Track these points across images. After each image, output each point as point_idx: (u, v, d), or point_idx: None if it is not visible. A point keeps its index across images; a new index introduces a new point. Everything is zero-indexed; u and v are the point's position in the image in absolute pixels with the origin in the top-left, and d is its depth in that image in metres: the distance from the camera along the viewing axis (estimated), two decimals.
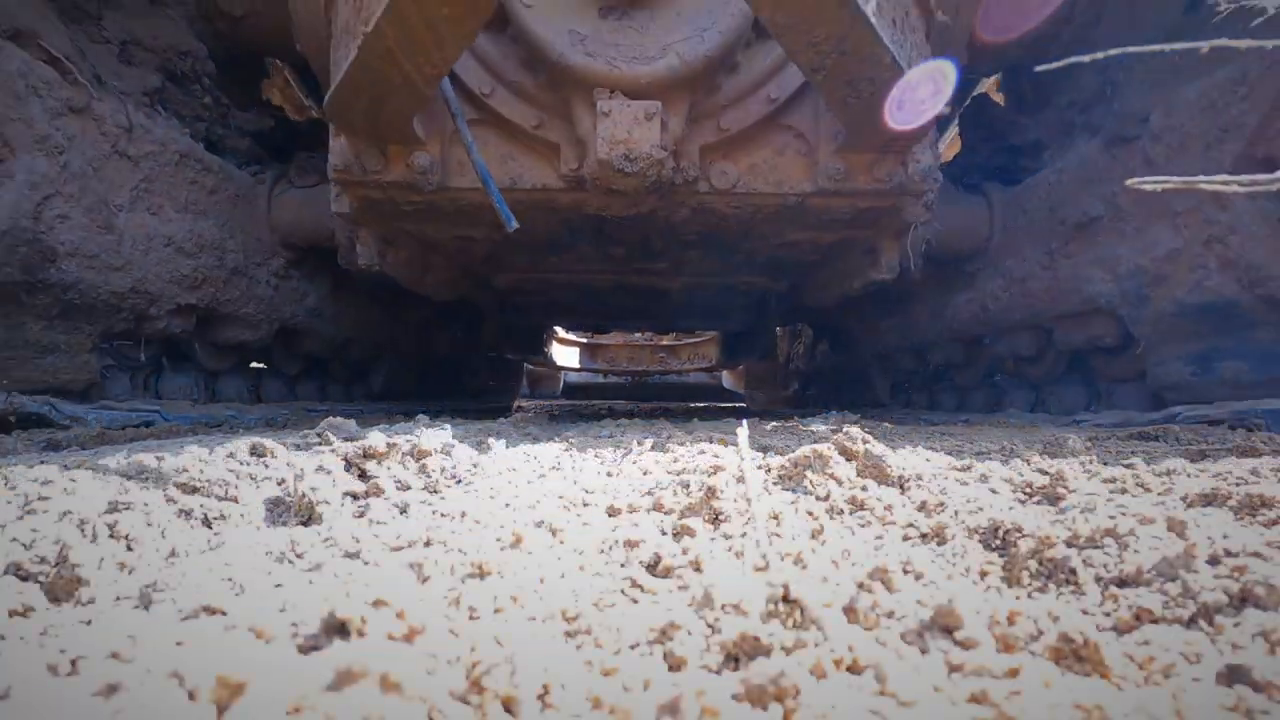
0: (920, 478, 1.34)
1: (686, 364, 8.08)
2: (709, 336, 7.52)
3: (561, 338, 8.22)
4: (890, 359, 3.74)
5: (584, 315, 5.18)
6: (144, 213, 2.27)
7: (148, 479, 1.37)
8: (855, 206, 2.34)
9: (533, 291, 3.50)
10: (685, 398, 7.59)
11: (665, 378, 8.58)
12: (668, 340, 8.49)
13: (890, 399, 3.65)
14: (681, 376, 8.43)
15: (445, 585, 0.76)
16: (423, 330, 3.87)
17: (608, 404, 6.41)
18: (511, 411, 3.97)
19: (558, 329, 7.58)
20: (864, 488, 1.29)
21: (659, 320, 5.24)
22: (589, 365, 8.80)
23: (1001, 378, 3.13)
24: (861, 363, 3.99)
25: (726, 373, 8.16)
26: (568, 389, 8.65)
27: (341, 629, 0.57)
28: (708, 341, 7.73)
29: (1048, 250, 2.67)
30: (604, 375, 8.92)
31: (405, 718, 0.46)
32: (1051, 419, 2.63)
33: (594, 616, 0.69)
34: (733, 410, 5.11)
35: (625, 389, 8.71)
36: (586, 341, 8.76)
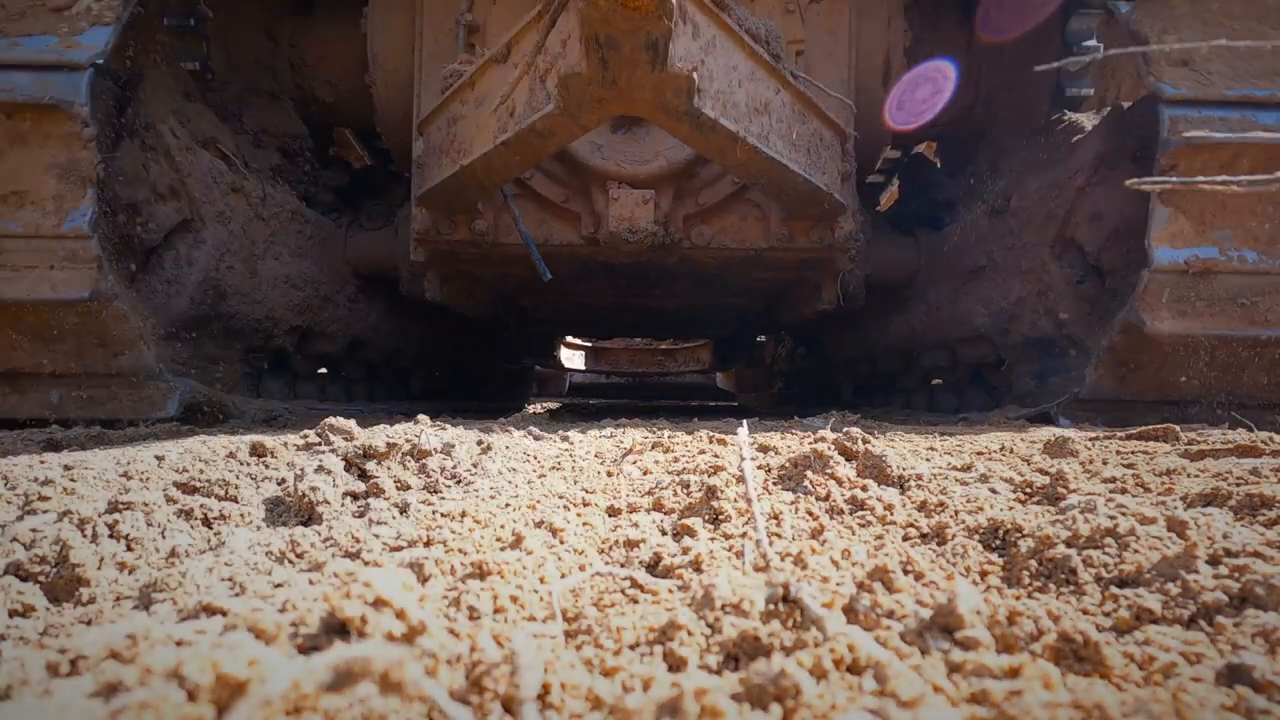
0: (920, 478, 1.34)
1: (683, 366, 8.90)
2: (702, 343, 8.38)
3: (568, 342, 8.97)
4: (851, 365, 4.54)
5: (591, 326, 6.37)
6: (271, 259, 2.98)
7: (148, 479, 1.37)
8: (798, 258, 3.06)
9: (549, 309, 4.35)
10: (682, 397, 8.27)
11: (663, 379, 9.33)
12: (665, 345, 9.26)
13: (851, 398, 4.43)
14: (678, 378, 9.18)
15: (445, 585, 0.76)
16: (453, 341, 4.60)
17: (610, 403, 6.74)
18: (522, 410, 4.32)
19: (566, 336, 8.53)
20: (864, 488, 1.29)
21: (656, 331, 6.54)
22: (593, 367, 9.55)
23: (935, 383, 3.90)
24: (830, 368, 4.78)
25: (720, 374, 8.95)
26: (573, 389, 9.30)
27: (341, 629, 0.57)
28: (701, 346, 8.56)
29: (953, 287, 3.36)
30: (606, 376, 9.64)
31: (405, 718, 0.46)
32: (941, 415, 3.38)
33: (594, 616, 0.70)
34: (726, 409, 5.62)
35: (626, 389, 9.35)
36: (591, 346, 9.50)
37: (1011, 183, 3.06)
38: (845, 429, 1.59)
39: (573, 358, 9.47)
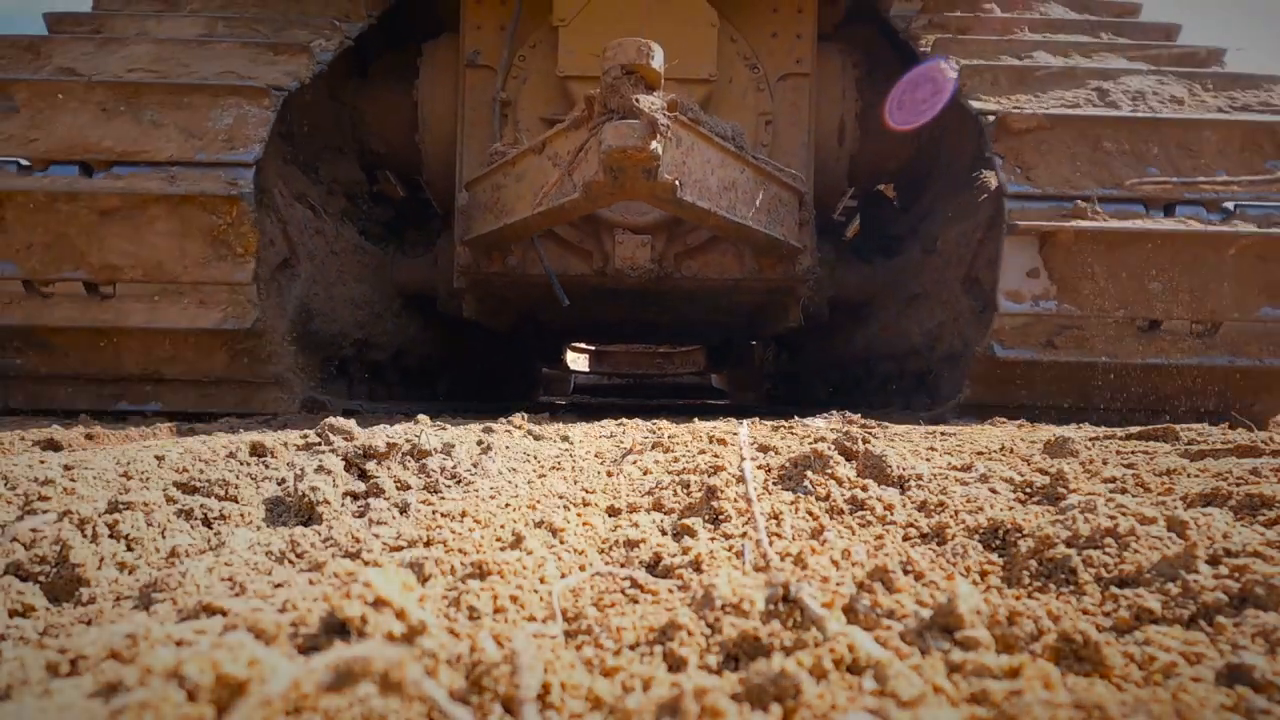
0: (920, 478, 1.34)
1: (679, 368, 9.77)
2: (696, 347, 9.30)
3: (574, 346, 9.73)
4: (824, 370, 5.19)
5: (597, 335, 7.63)
6: (341, 285, 3.60)
7: (148, 479, 1.37)
8: (767, 286, 3.65)
9: (562, 322, 5.10)
10: (679, 396, 9.05)
11: (662, 379, 10.07)
12: (663, 348, 10.12)
13: (826, 399, 4.98)
14: (676, 378, 9.96)
15: (445, 585, 0.76)
16: (474, 348, 5.26)
17: (612, 402, 7.03)
18: (531, 409, 4.77)
19: (573, 342, 9.35)
20: (864, 488, 1.29)
21: (654, 339, 7.73)
22: (596, 369, 10.40)
23: (891, 388, 4.43)
24: (809, 371, 5.43)
25: (714, 375, 9.71)
26: (577, 389, 9.97)
27: (341, 629, 0.57)
28: (696, 350, 9.45)
29: (897, 309, 3.90)
30: (608, 378, 10.39)
31: (405, 718, 0.46)
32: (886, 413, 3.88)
33: (594, 616, 0.70)
34: (720, 407, 6.23)
35: (627, 389, 9.94)
36: (595, 349, 10.28)
37: (940, 228, 3.61)
38: (845, 429, 1.59)
39: (577, 360, 10.26)
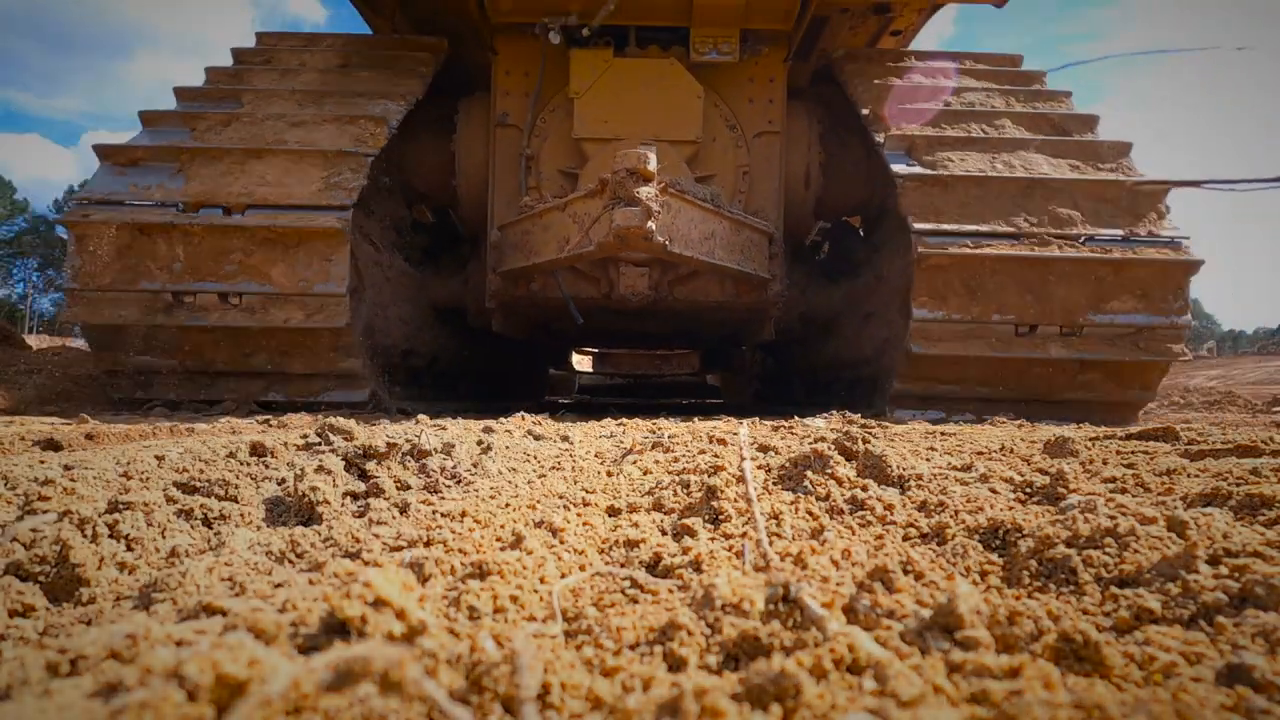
0: (920, 478, 1.34)
1: (676, 369, 10.67)
2: (691, 351, 10.26)
3: (579, 349, 10.56)
4: (802, 374, 5.83)
5: (602, 342, 8.75)
6: (393, 305, 4.23)
7: (148, 479, 1.37)
8: (744, 306, 4.35)
9: (573, 332, 5.89)
10: (677, 394, 9.86)
11: (660, 379, 10.80)
12: (661, 351, 10.92)
13: (805, 399, 5.49)
14: (674, 378, 10.77)
15: (445, 585, 0.76)
16: (491, 354, 5.91)
17: (614, 401, 7.55)
18: (541, 407, 5.82)
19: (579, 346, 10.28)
20: (864, 487, 1.29)
21: (652, 345, 8.79)
22: (600, 370, 11.26)
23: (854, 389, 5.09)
24: (791, 374, 6.16)
25: (709, 376, 10.56)
26: (581, 389, 10.68)
27: (341, 629, 0.57)
28: (691, 353, 10.41)
29: (856, 325, 4.52)
30: (610, 378, 11.17)
31: (405, 718, 0.46)
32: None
33: (594, 616, 0.69)
34: (715, 406, 6.85)
35: (628, 388, 10.61)
36: (598, 351, 11.12)
37: (886, 259, 4.21)
38: (845, 429, 1.59)
39: (582, 362, 11.05)
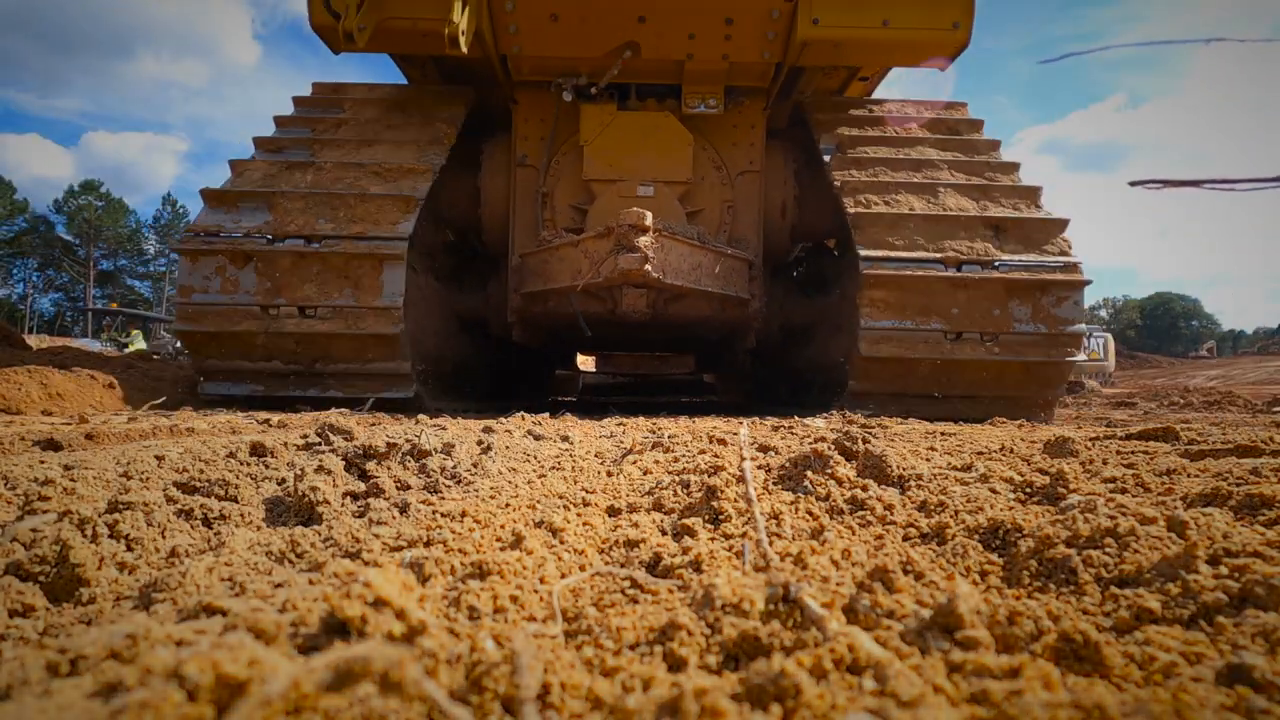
0: (920, 478, 1.34)
1: (674, 369, 11.60)
2: (687, 354, 11.20)
3: (584, 352, 11.34)
4: (785, 376, 6.38)
5: (605, 347, 9.71)
6: (428, 320, 4.75)
7: (148, 479, 1.37)
8: (729, 320, 4.97)
9: (581, 340, 6.75)
10: (675, 392, 10.75)
11: (659, 378, 11.67)
12: (660, 354, 11.71)
13: (789, 398, 5.97)
14: (671, 376, 11.70)
15: (445, 585, 0.76)
16: (505, 358, 6.65)
17: (616, 400, 8.03)
18: (548, 403, 6.68)
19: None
20: (864, 487, 1.29)
21: (651, 350, 9.90)
22: (603, 370, 12.17)
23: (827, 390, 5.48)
24: (776, 376, 6.80)
25: (705, 375, 11.38)
26: (585, 388, 11.51)
27: (341, 629, 0.57)
28: (687, 355, 11.38)
29: (827, 335, 5.04)
30: (613, 377, 12.08)
31: (405, 718, 0.46)
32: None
33: (594, 616, 0.69)
34: (710, 404, 7.61)
35: (630, 387, 11.49)
36: (601, 353, 11.86)
37: (848, 279, 4.63)
38: (845, 429, 1.59)
39: (586, 362, 11.88)
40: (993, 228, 4.10)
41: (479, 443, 1.95)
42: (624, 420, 3.40)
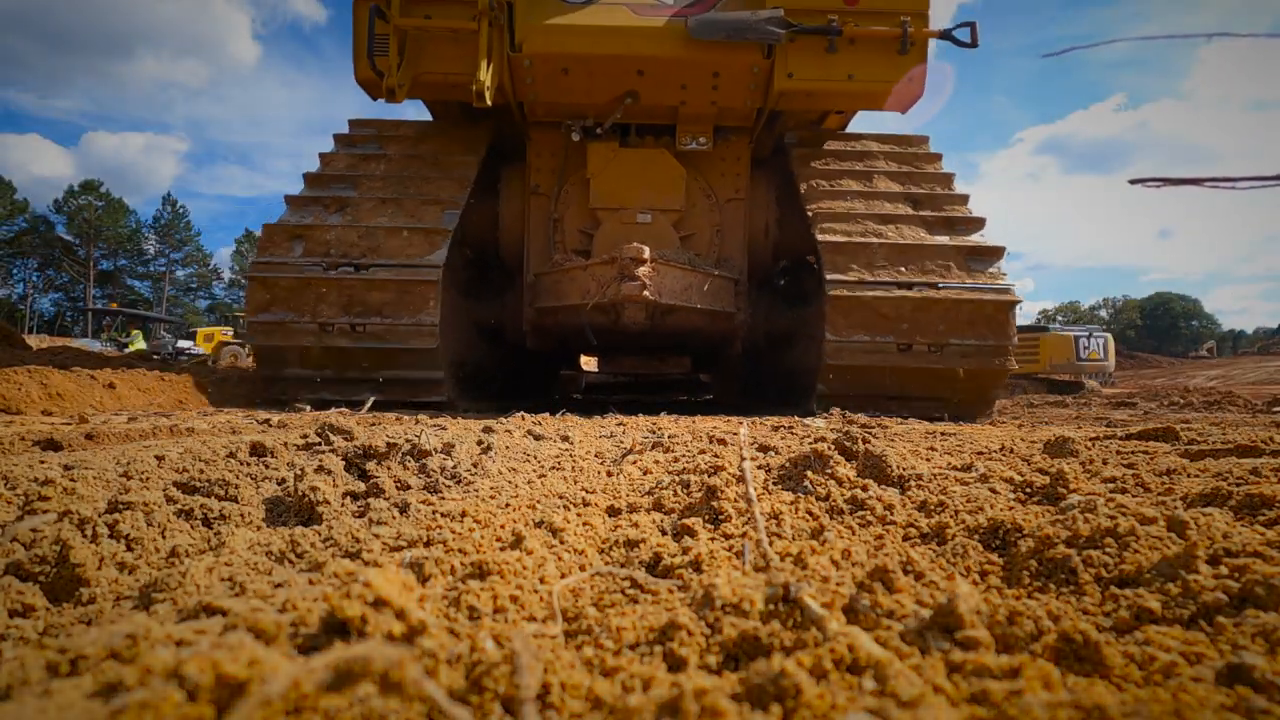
0: (920, 478, 1.34)
1: (672, 369, 12.36)
2: (683, 356, 12.07)
3: (587, 354, 11.94)
4: (772, 378, 6.83)
5: (607, 351, 10.49)
6: (453, 331, 5.07)
7: (148, 479, 1.37)
8: (717, 330, 5.53)
9: (586, 345, 7.44)
10: (672, 389, 11.58)
11: (658, 377, 12.38)
12: (659, 355, 12.44)
13: (776, 398, 6.39)
14: (669, 375, 12.40)
15: (445, 585, 0.76)
16: (518, 360, 7.10)
17: (617, 398, 8.48)
18: (554, 402, 7.04)
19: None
20: (864, 487, 1.29)
21: (649, 354, 10.57)
22: (605, 369, 12.86)
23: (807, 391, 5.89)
24: (764, 378, 7.26)
25: (703, 375, 12.01)
26: (588, 387, 12.38)
27: (341, 629, 0.57)
28: (683, 357, 12.27)
29: (806, 342, 5.37)
30: (614, 376, 12.86)
31: (405, 718, 0.46)
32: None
33: (594, 616, 0.69)
34: (707, 402, 8.27)
35: (630, 385, 12.41)
36: (604, 356, 12.37)
37: (819, 296, 5.00)
38: (845, 429, 1.59)
39: (589, 362, 12.46)
40: (943, 255, 4.75)
41: (479, 443, 1.95)
42: (624, 420, 3.40)
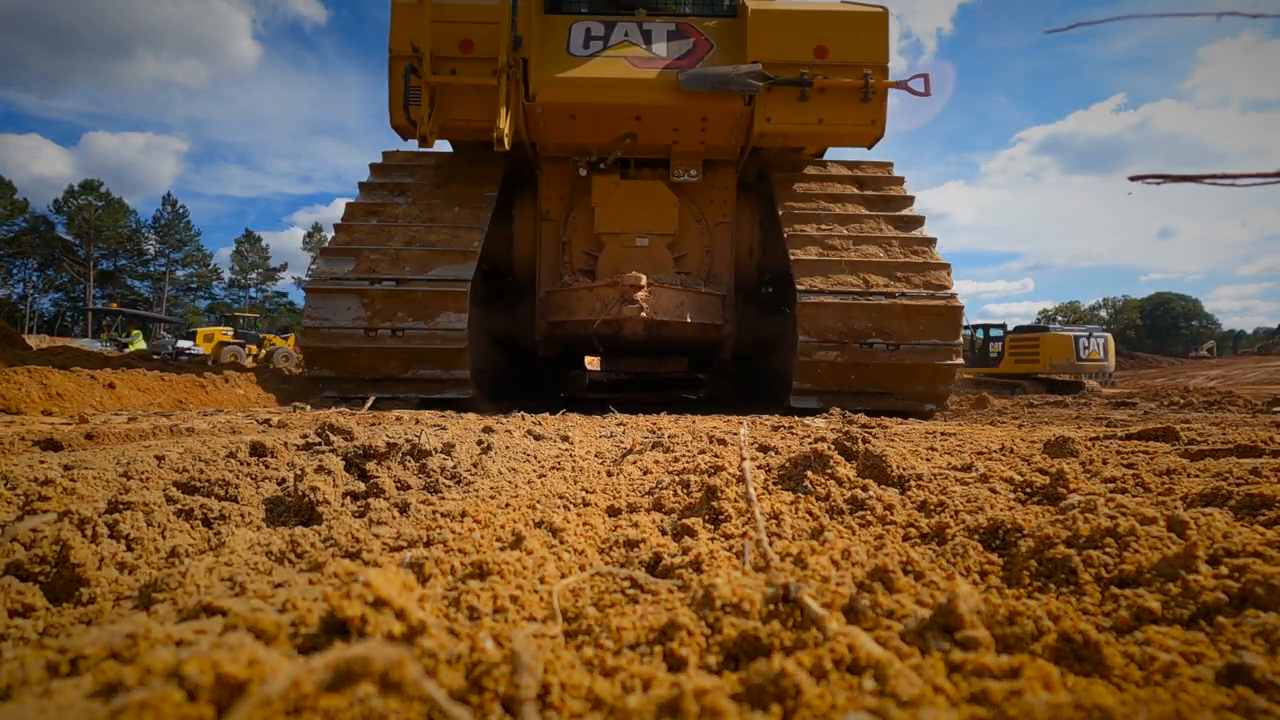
0: (920, 478, 1.34)
1: (670, 369, 13.26)
2: (680, 358, 13.03)
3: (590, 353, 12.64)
4: (762, 379, 7.39)
5: (611, 356, 11.28)
6: (475, 339, 5.50)
7: (148, 479, 1.37)
8: (708, 338, 6.27)
9: (591, 350, 8.00)
10: (671, 387, 12.31)
11: (657, 376, 13.03)
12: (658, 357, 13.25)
13: (764, 397, 6.97)
14: (668, 375, 13.04)
15: (445, 585, 0.76)
16: (528, 364, 7.82)
17: (618, 396, 9.05)
18: (565, 400, 7.68)
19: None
20: (864, 487, 1.29)
21: (648, 357, 11.45)
22: (607, 369, 13.38)
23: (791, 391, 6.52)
24: (756, 379, 7.88)
25: (700, 375, 12.70)
26: (591, 385, 13.21)
27: (341, 629, 0.57)
28: (681, 358, 13.22)
29: (788, 346, 5.74)
30: (617, 374, 13.52)
31: (405, 718, 0.46)
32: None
33: (594, 616, 0.69)
34: (704, 400, 8.88)
35: (631, 383, 13.18)
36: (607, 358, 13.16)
37: (794, 305, 5.63)
38: (845, 429, 1.58)
39: (592, 362, 13.18)
40: (898, 269, 5.45)
41: (479, 443, 1.95)
42: (624, 420, 3.40)
